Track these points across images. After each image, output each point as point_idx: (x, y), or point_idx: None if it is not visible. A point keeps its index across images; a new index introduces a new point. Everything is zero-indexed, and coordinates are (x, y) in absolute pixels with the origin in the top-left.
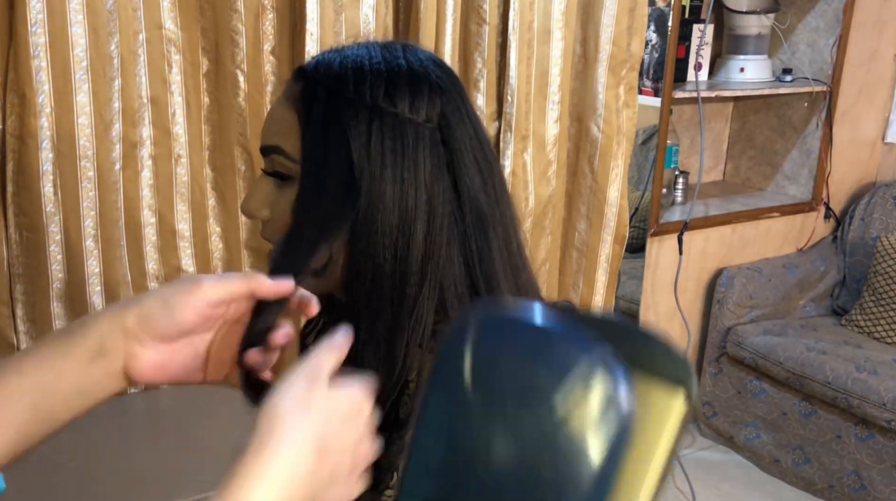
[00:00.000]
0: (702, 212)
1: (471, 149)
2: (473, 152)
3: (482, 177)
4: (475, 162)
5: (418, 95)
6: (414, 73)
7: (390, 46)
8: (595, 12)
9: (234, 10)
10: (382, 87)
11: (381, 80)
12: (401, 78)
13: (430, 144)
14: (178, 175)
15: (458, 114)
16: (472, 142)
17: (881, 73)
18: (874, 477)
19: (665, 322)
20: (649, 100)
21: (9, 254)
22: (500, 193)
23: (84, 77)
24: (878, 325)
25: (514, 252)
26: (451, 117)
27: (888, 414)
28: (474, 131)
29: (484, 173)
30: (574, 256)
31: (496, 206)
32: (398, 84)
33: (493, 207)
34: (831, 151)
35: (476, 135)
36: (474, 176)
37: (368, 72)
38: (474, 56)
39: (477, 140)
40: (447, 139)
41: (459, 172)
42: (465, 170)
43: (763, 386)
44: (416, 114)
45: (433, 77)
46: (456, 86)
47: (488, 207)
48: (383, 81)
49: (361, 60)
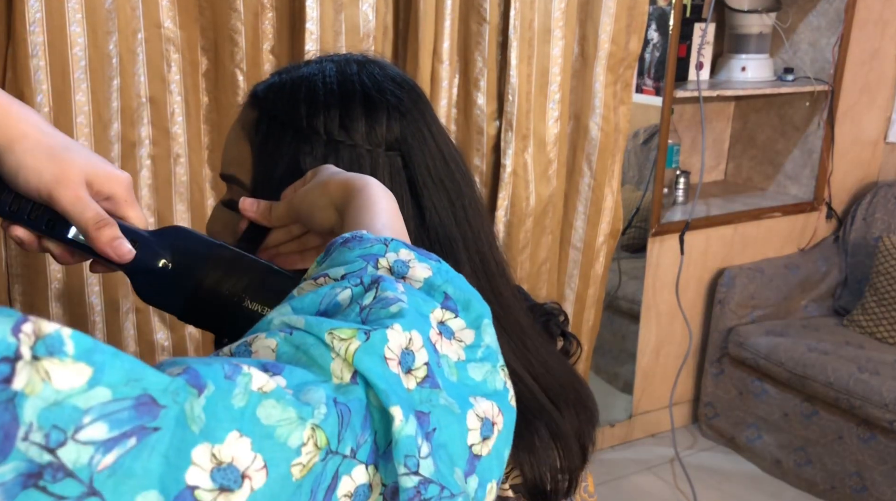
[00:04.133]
0: (703, 212)
1: (435, 171)
2: (438, 173)
3: (449, 198)
4: (441, 183)
5: (375, 122)
6: (369, 97)
7: (347, 64)
8: (595, 10)
9: (234, 9)
10: (336, 118)
11: (336, 110)
12: (355, 104)
13: (388, 170)
14: (177, 174)
15: (420, 136)
16: (436, 162)
17: (883, 73)
18: (876, 478)
19: (666, 322)
20: (650, 100)
21: (7, 255)
22: (471, 213)
23: (83, 76)
24: (880, 326)
25: (492, 272)
26: (411, 140)
27: (890, 415)
28: (439, 151)
29: (451, 194)
30: (571, 254)
31: (467, 227)
32: (353, 112)
33: (463, 228)
34: (833, 151)
35: (442, 154)
36: (439, 198)
37: (322, 101)
38: (475, 55)
39: (443, 160)
40: (407, 163)
41: (422, 196)
42: (429, 192)
43: (765, 387)
44: (372, 141)
45: (391, 99)
46: (418, 104)
47: (457, 229)
48: (338, 111)
49: (315, 86)
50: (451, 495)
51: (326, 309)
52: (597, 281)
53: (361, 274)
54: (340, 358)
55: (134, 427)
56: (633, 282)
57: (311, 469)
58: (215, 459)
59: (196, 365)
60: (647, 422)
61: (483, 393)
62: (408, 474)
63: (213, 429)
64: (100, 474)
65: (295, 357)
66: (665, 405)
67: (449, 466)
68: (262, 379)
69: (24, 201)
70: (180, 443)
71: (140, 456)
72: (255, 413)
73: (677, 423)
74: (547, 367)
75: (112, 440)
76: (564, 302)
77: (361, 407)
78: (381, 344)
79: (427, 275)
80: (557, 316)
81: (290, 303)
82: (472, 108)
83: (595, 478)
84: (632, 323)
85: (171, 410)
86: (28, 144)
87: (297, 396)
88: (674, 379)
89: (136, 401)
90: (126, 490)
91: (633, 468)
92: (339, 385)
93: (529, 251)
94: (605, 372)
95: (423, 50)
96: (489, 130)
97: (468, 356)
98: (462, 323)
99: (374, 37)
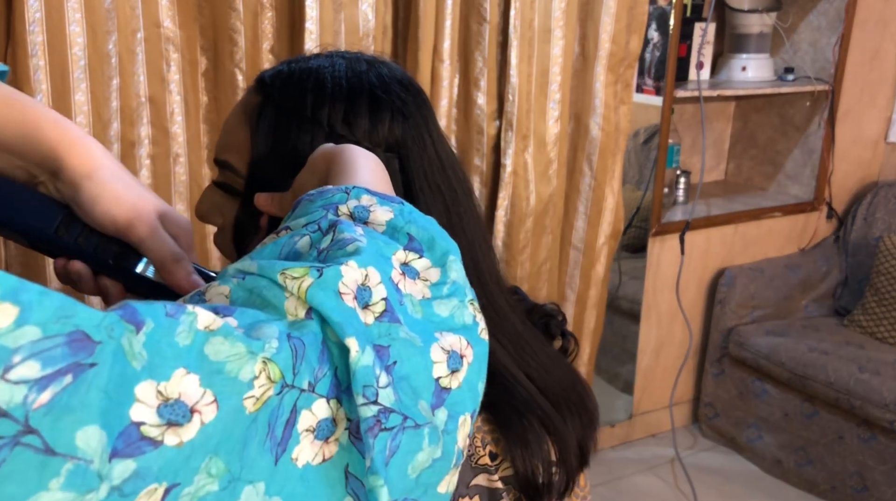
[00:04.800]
0: (703, 212)
1: (431, 176)
2: (435, 179)
3: (445, 204)
4: (437, 188)
5: (378, 121)
6: (375, 97)
7: (357, 62)
8: (595, 10)
9: (233, 9)
10: (341, 113)
11: (341, 104)
12: (361, 101)
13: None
14: (176, 174)
15: (420, 141)
16: (434, 168)
17: (883, 72)
18: (876, 478)
19: (667, 322)
20: (651, 100)
21: (6, 254)
22: (467, 221)
23: (82, 76)
24: (881, 326)
25: (485, 280)
26: (411, 144)
27: (890, 415)
28: (438, 157)
29: (448, 200)
30: (572, 254)
31: (462, 234)
32: (358, 108)
33: (457, 235)
34: (833, 151)
35: (441, 161)
36: (435, 203)
37: (329, 94)
38: (475, 54)
39: (441, 166)
40: (405, 166)
41: (417, 200)
42: (424, 197)
43: (765, 387)
44: (373, 140)
45: (396, 101)
46: (422, 109)
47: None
48: (343, 105)
49: (323, 79)
50: (416, 425)
51: (286, 257)
52: (598, 282)
53: (320, 221)
54: (294, 295)
55: (69, 364)
56: (634, 282)
57: (266, 403)
58: (161, 396)
59: (135, 304)
60: (647, 422)
61: (450, 328)
62: (367, 403)
63: (158, 366)
64: (35, 412)
65: (249, 300)
66: (665, 405)
67: (412, 397)
68: (209, 318)
69: (92, 234)
70: (120, 378)
71: (77, 392)
72: (202, 350)
73: (677, 423)
74: (546, 370)
75: (46, 377)
76: (565, 302)
77: (317, 341)
78: (334, 279)
79: (389, 218)
80: (556, 316)
81: (249, 255)
82: (472, 108)
83: (595, 478)
84: (632, 323)
85: (108, 345)
86: (107, 174)
87: (248, 334)
88: (674, 379)
89: (68, 338)
90: (65, 426)
91: (634, 468)
92: (293, 321)
93: (530, 251)
94: (606, 372)
95: (423, 49)
96: (489, 130)
97: (434, 293)
98: (427, 263)
99: (374, 36)
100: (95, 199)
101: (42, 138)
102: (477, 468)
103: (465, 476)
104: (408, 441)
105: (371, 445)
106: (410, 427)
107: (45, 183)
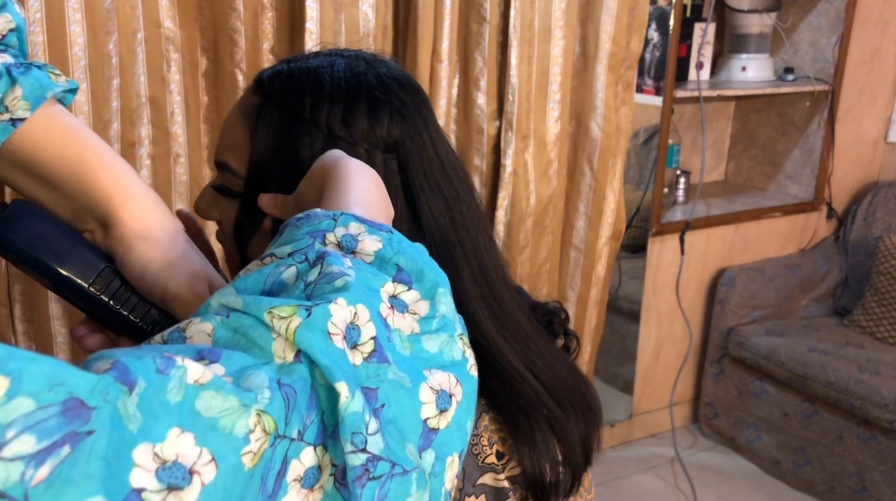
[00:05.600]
0: (703, 212)
1: (431, 176)
2: (436, 178)
3: (447, 203)
4: (438, 188)
5: (376, 122)
6: (374, 97)
7: (356, 61)
8: (595, 10)
9: (233, 9)
10: (339, 114)
11: (339, 105)
12: (359, 102)
13: (383, 173)
14: (176, 174)
15: (419, 141)
16: (433, 168)
17: (883, 72)
18: (876, 479)
19: (667, 322)
20: (650, 100)
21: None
22: (469, 219)
23: (82, 76)
24: (881, 326)
25: (490, 278)
26: (409, 144)
27: (890, 415)
28: (437, 157)
29: (449, 199)
30: (573, 254)
31: (465, 233)
32: (356, 110)
33: (461, 234)
34: (833, 151)
35: (440, 160)
36: (436, 203)
37: (327, 95)
38: (475, 54)
39: (440, 166)
40: (404, 166)
41: (418, 200)
42: (425, 197)
43: (765, 387)
44: (371, 141)
45: (395, 102)
46: (421, 109)
47: (454, 234)
48: (341, 106)
49: (322, 79)
50: (404, 471)
51: (271, 289)
52: (599, 282)
53: (307, 251)
54: (282, 337)
55: (65, 434)
56: (634, 282)
57: (262, 457)
58: (158, 458)
59: (125, 358)
60: (647, 422)
61: (439, 365)
62: (355, 452)
63: (152, 427)
64: (35, 489)
65: (233, 340)
66: (665, 405)
67: (399, 442)
68: (198, 371)
69: (132, 296)
70: (119, 444)
71: (77, 463)
72: (193, 406)
73: (677, 423)
74: (552, 369)
75: (43, 451)
76: (566, 303)
77: (306, 386)
78: (323, 319)
79: (377, 248)
80: (559, 314)
81: (233, 285)
82: (472, 108)
83: (595, 478)
84: (632, 323)
85: (103, 410)
86: (165, 238)
87: (238, 383)
88: (674, 379)
89: (63, 407)
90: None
91: (633, 468)
92: (282, 365)
93: (530, 251)
94: (605, 372)
95: (423, 49)
96: (489, 130)
97: (423, 328)
98: (416, 295)
99: (374, 36)
100: (149, 263)
101: (96, 184)
102: (483, 467)
103: (471, 475)
104: (396, 488)
105: (358, 495)
106: (398, 474)
107: (94, 231)
